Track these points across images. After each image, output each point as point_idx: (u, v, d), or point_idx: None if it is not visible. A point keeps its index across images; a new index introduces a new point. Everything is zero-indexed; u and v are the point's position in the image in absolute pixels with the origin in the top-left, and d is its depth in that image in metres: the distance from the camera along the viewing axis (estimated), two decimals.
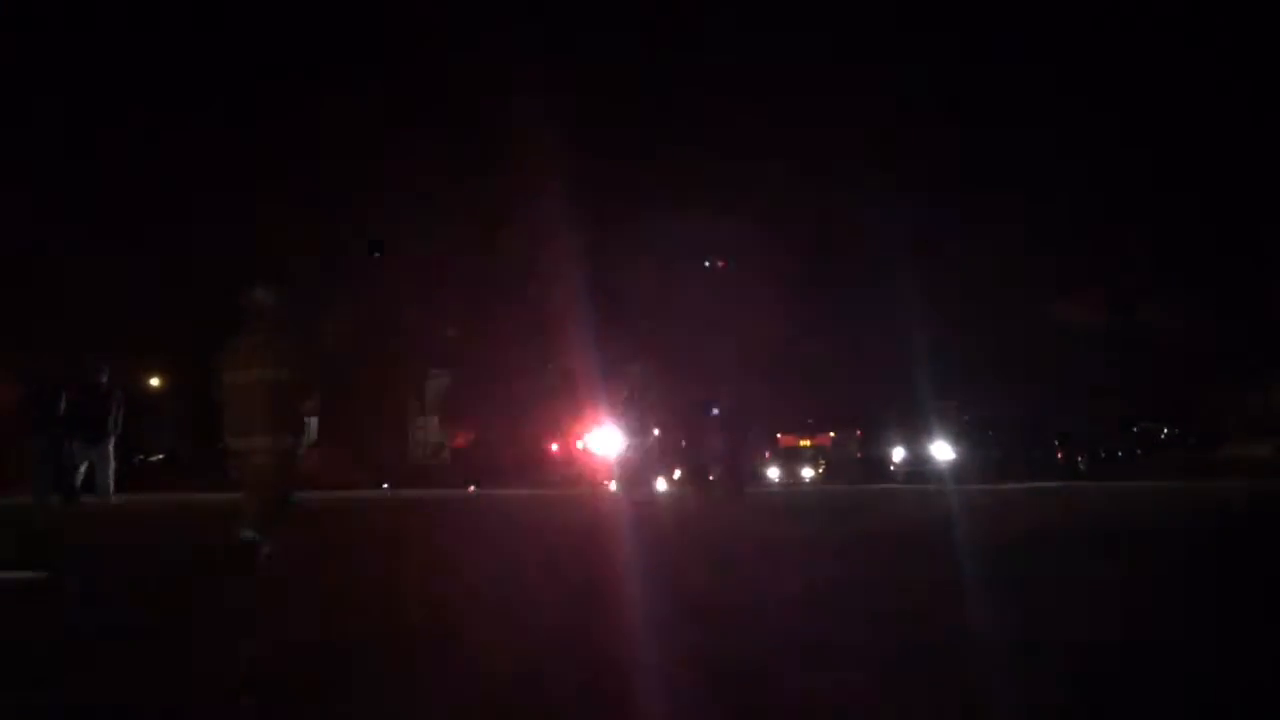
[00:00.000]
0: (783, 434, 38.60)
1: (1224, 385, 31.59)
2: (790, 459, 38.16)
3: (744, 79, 20.95)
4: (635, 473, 24.79)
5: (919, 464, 30.97)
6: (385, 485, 27.39)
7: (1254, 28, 20.79)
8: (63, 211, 21.59)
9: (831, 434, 38.49)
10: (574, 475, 29.62)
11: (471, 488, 25.89)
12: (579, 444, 31.96)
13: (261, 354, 6.62)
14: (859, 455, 36.32)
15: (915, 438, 31.71)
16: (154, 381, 31.74)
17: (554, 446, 34.32)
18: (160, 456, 28.94)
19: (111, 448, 12.73)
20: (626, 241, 20.96)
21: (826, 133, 21.71)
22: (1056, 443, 35.59)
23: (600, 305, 22.45)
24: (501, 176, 23.07)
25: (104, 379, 12.71)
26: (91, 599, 5.16)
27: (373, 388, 30.32)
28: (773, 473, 36.31)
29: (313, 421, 7.28)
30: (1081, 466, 34.40)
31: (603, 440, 29.22)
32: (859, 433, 36.78)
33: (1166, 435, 41.34)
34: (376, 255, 26.52)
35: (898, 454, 33.54)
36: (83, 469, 12.49)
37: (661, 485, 25.33)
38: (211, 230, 23.45)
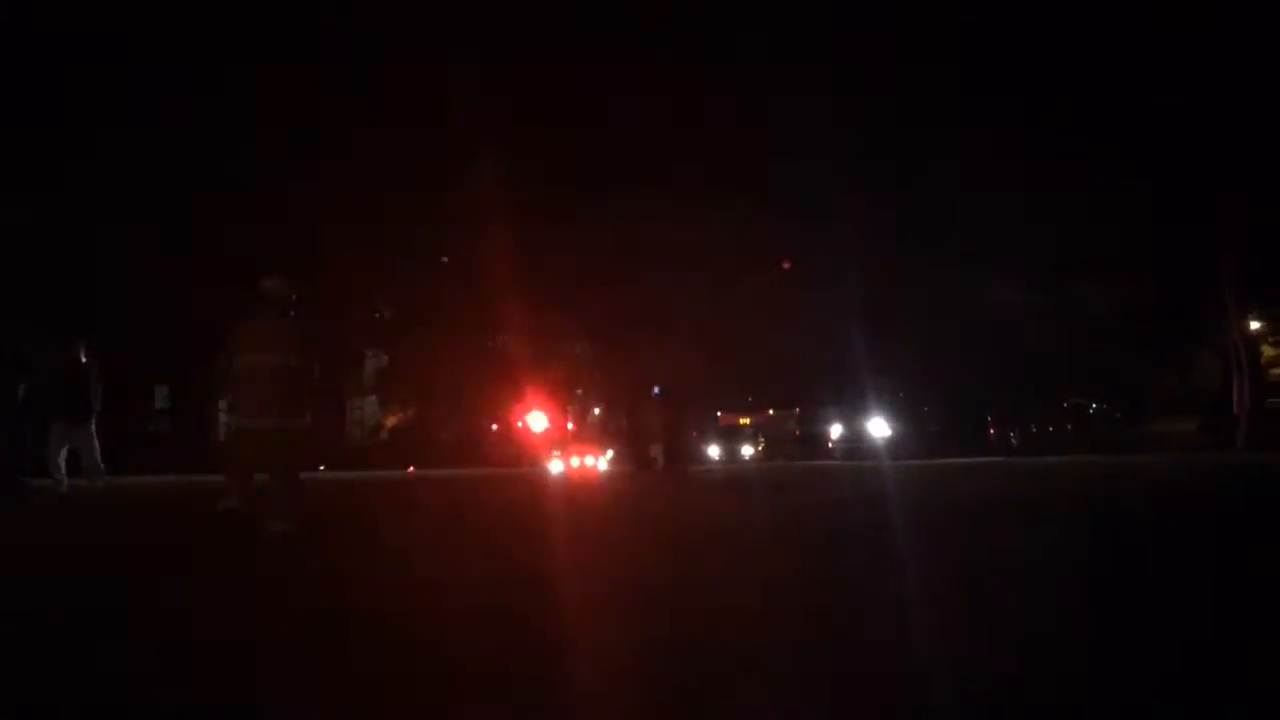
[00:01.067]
0: (723, 412, 38.94)
1: (1150, 362, 32.51)
2: (730, 437, 38.60)
3: (679, 61, 20.85)
4: (577, 452, 24.87)
5: (856, 440, 31.51)
6: (321, 467, 26.98)
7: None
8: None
9: (770, 412, 38.92)
10: (514, 454, 29.59)
11: (410, 468, 25.69)
12: (519, 423, 31.88)
13: (275, 339, 7.06)
14: (797, 433, 36.80)
15: (852, 415, 32.24)
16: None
17: (494, 426, 34.22)
18: None
19: (94, 427, 12.34)
20: (566, 222, 20.82)
21: (765, 117, 21.78)
22: (989, 419, 36.44)
23: (541, 286, 22.35)
24: (438, 159, 22.75)
25: (81, 355, 12.27)
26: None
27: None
28: (713, 451, 36.63)
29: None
30: (1013, 442, 35.30)
31: (543, 420, 29.22)
32: (797, 411, 37.23)
33: (1095, 410, 42.51)
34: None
35: (835, 431, 34.06)
36: (63, 454, 12.09)
37: (602, 464, 25.44)
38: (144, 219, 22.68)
